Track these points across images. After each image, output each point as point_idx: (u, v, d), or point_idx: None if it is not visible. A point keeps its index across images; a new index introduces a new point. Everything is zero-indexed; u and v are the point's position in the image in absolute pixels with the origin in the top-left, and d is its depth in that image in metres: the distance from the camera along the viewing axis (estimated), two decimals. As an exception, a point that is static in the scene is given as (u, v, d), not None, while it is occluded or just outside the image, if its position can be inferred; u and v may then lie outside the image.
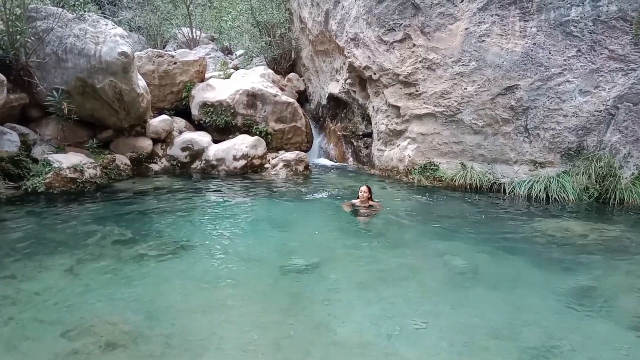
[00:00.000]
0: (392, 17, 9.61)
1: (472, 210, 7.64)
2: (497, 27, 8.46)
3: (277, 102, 11.83)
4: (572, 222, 6.90)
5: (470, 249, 5.81)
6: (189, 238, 6.01)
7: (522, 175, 8.74)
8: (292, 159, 10.84)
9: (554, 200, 8.14)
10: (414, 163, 9.82)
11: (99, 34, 8.83)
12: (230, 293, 4.52)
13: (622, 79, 7.89)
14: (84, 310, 4.03)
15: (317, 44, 13.02)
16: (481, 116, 8.85)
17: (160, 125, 10.63)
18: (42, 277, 4.73)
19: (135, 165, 10.10)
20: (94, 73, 8.74)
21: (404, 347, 3.55)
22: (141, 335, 3.62)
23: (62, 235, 6.01)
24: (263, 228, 6.64)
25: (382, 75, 10.14)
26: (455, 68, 8.95)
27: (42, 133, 9.22)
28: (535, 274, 5.07)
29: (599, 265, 5.33)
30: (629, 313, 4.16)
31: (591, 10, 7.85)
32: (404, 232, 6.49)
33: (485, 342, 3.64)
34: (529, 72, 8.31)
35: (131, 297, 4.31)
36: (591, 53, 7.97)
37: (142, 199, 8.04)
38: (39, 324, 3.79)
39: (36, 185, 7.94)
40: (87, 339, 3.54)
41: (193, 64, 12.06)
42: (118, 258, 5.26)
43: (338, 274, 4.97)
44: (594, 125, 8.15)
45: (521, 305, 4.29)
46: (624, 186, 7.94)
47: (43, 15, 8.77)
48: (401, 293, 4.52)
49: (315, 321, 3.95)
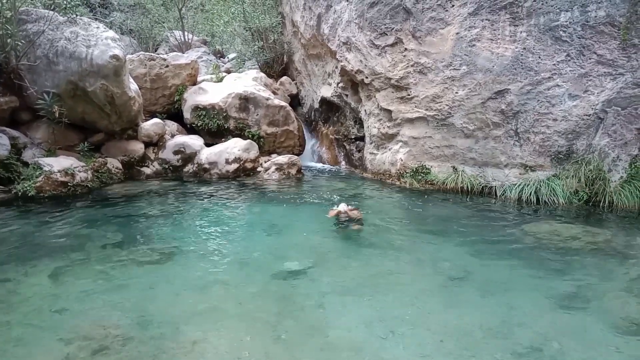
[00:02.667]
0: (383, 21, 9.67)
1: (463, 214, 7.69)
2: (488, 31, 8.55)
3: (269, 105, 11.85)
4: (562, 225, 6.97)
5: (461, 251, 5.86)
6: (180, 242, 6.00)
7: (512, 179, 8.81)
8: (284, 163, 10.85)
9: (544, 203, 8.22)
10: (405, 166, 9.87)
11: (90, 37, 8.79)
12: (221, 296, 4.52)
13: (611, 83, 8.00)
14: (75, 314, 4.01)
15: (310, 47, 13.06)
16: (472, 120, 8.93)
17: (152, 129, 10.60)
18: (33, 281, 4.70)
19: (127, 168, 10.04)
20: (85, 76, 8.69)
21: (396, 350, 3.57)
22: (132, 340, 3.61)
23: (53, 240, 5.97)
24: (255, 231, 6.64)
25: (374, 79, 10.19)
26: (446, 72, 9.02)
27: (32, 136, 9.14)
28: (526, 276, 5.13)
29: (589, 267, 5.40)
30: (618, 314, 4.21)
31: (580, 15, 7.96)
32: (396, 236, 6.52)
33: (477, 343, 3.67)
34: (519, 76, 8.39)
35: (122, 301, 4.29)
36: (580, 58, 8.07)
37: (133, 202, 8.00)
38: (30, 329, 3.76)
39: (27, 189, 7.87)
40: (79, 343, 3.52)
41: (185, 67, 12.04)
42: (109, 262, 5.24)
43: (330, 277, 4.98)
44: (583, 129, 8.25)
45: (512, 306, 4.34)
46: (613, 189, 8.04)
47: (34, 18, 8.72)
48: (393, 296, 4.55)
49: (307, 324, 3.96)
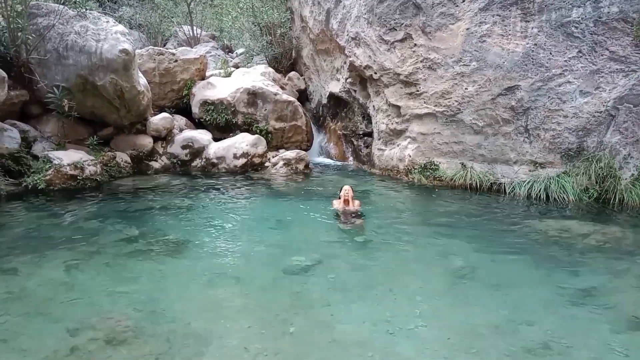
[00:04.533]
0: (393, 16, 9.61)
1: (472, 210, 7.65)
2: (498, 27, 8.47)
3: (277, 100, 11.84)
4: (572, 223, 6.91)
5: (469, 248, 5.83)
6: (189, 235, 6.03)
7: (522, 176, 8.74)
8: (292, 158, 10.85)
9: (554, 200, 8.15)
10: (414, 162, 9.82)
11: (100, 32, 8.82)
12: (230, 291, 4.53)
13: (623, 80, 7.90)
14: (84, 306, 4.05)
15: (318, 43, 13.01)
16: (481, 116, 8.86)
17: (161, 123, 10.64)
18: (43, 273, 4.75)
19: (136, 162, 10.08)
20: (94, 70, 8.73)
21: (404, 346, 3.56)
22: (142, 332, 3.63)
23: (63, 232, 6.02)
24: (263, 226, 6.65)
25: (382, 74, 10.14)
26: (456, 68, 8.95)
27: (42, 130, 9.21)
28: (534, 273, 5.09)
29: (599, 266, 5.35)
30: (629, 313, 4.17)
31: (592, 11, 7.85)
32: (404, 232, 6.50)
33: (484, 340, 3.66)
34: (530, 72, 8.31)
35: (132, 294, 4.32)
36: (592, 54, 7.97)
37: (142, 196, 8.05)
38: (40, 320, 3.80)
39: (36, 182, 7.94)
40: (88, 335, 3.55)
41: (194, 62, 12.05)
42: (119, 255, 5.28)
43: (337, 272, 4.98)
44: (594, 126, 8.16)
45: (521, 304, 4.31)
46: (623, 187, 7.96)
47: (44, 12, 8.76)
48: (401, 292, 4.55)
49: (315, 319, 3.97)
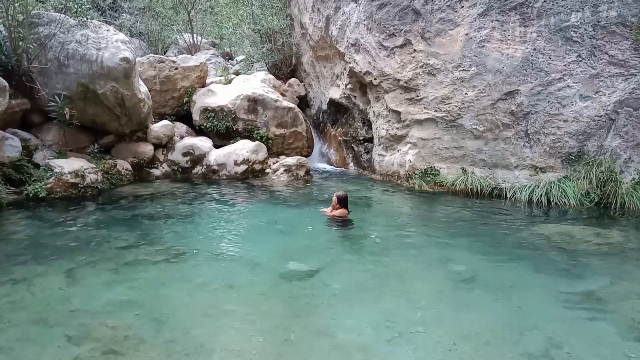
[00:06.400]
0: (392, 22, 9.65)
1: (473, 215, 7.64)
2: (498, 32, 8.50)
3: (278, 107, 11.87)
4: (574, 227, 6.89)
5: (471, 253, 5.81)
6: (190, 243, 6.02)
7: (522, 180, 8.74)
8: (293, 164, 10.86)
9: (555, 205, 8.14)
10: (414, 168, 9.83)
11: (100, 40, 8.87)
12: (231, 297, 4.52)
13: (622, 84, 7.91)
14: (85, 315, 4.03)
15: (318, 49, 13.07)
16: (482, 121, 8.87)
17: (162, 131, 10.66)
18: (44, 281, 4.73)
19: (137, 170, 10.11)
20: (95, 78, 8.77)
21: (405, 352, 3.54)
22: (143, 341, 3.61)
23: (64, 240, 6.02)
24: (264, 233, 6.64)
25: (382, 80, 10.17)
26: (455, 73, 8.97)
27: (43, 138, 9.24)
28: (536, 278, 5.07)
29: (601, 270, 5.33)
30: (632, 319, 4.14)
31: (591, 15, 7.88)
32: (405, 237, 6.49)
33: (487, 346, 3.63)
34: (529, 77, 8.33)
35: (133, 302, 4.31)
36: (591, 58, 7.99)
37: (143, 204, 8.05)
38: (41, 329, 3.78)
39: (37, 191, 7.94)
40: (89, 345, 3.53)
41: (194, 70, 12.11)
42: (119, 263, 5.26)
43: (338, 278, 4.96)
44: (594, 130, 8.16)
45: (523, 309, 4.29)
46: (624, 191, 7.95)
47: (45, 21, 8.82)
48: (402, 297, 4.53)
49: (316, 325, 3.95)
